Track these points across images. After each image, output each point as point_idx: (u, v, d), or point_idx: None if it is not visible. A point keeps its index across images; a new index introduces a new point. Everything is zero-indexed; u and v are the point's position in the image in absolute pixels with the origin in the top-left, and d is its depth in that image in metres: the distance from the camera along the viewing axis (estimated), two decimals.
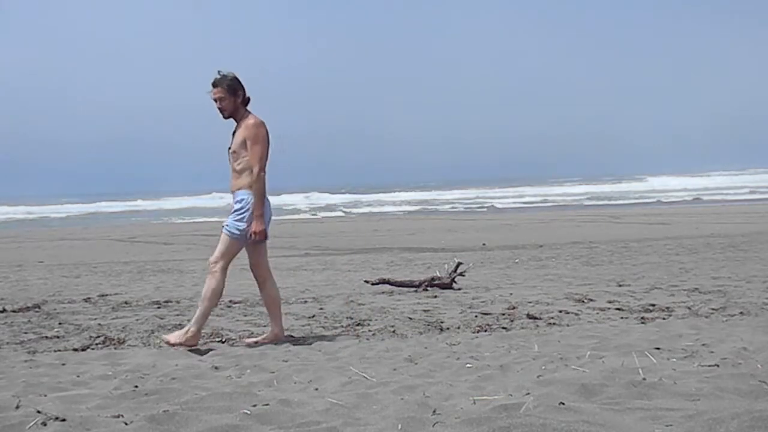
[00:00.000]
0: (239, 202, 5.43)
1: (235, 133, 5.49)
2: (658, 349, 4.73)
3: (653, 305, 6.80)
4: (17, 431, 3.27)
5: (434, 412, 3.46)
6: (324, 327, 6.22)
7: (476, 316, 6.51)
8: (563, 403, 3.43)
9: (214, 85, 5.44)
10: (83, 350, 5.41)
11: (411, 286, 8.43)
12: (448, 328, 6.02)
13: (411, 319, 6.47)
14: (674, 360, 4.39)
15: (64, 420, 3.36)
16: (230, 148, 5.50)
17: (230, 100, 5.42)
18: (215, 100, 5.45)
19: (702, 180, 60.09)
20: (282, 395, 3.86)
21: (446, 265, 9.17)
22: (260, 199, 5.38)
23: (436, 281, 8.43)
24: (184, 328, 5.48)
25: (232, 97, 5.42)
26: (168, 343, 5.31)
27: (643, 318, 6.20)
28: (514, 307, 6.90)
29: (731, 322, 5.80)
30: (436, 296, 7.87)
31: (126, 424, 3.35)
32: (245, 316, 6.90)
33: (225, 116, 5.50)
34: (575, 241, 16.16)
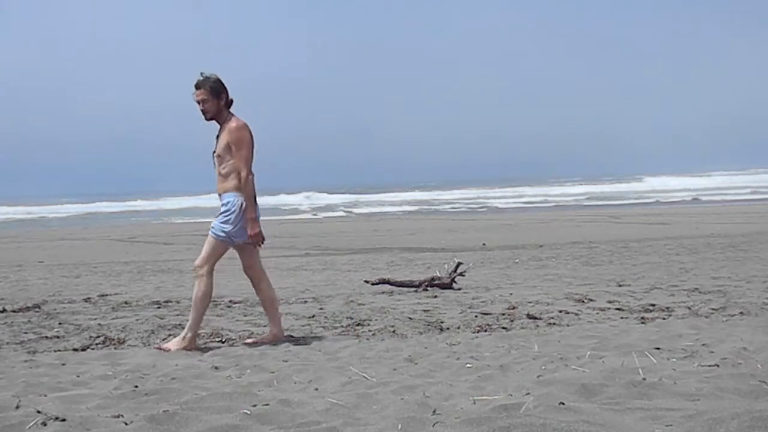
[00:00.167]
0: (225, 204, 5.42)
1: (218, 137, 5.46)
2: (658, 349, 4.73)
3: (653, 305, 6.81)
4: (17, 431, 3.27)
5: (434, 412, 3.46)
6: (324, 327, 6.22)
7: (476, 316, 6.51)
8: (563, 403, 3.43)
9: (197, 86, 5.40)
10: (83, 350, 5.42)
11: (411, 286, 8.43)
12: (448, 328, 6.02)
13: (411, 319, 6.47)
14: (674, 360, 4.39)
15: (64, 420, 3.36)
16: (215, 151, 5.47)
17: (213, 103, 5.38)
18: (198, 102, 5.41)
19: (702, 180, 60.09)
20: (282, 395, 3.86)
21: (446, 265, 9.17)
22: (251, 202, 5.36)
23: (436, 281, 8.43)
24: (180, 335, 5.47)
25: (216, 99, 5.38)
26: (168, 351, 5.30)
27: (643, 318, 6.20)
28: (514, 307, 6.90)
29: (731, 322, 5.80)
30: (436, 296, 7.87)
31: (126, 424, 3.35)
32: (245, 316, 6.91)
33: (207, 118, 5.46)
34: (575, 241, 16.16)
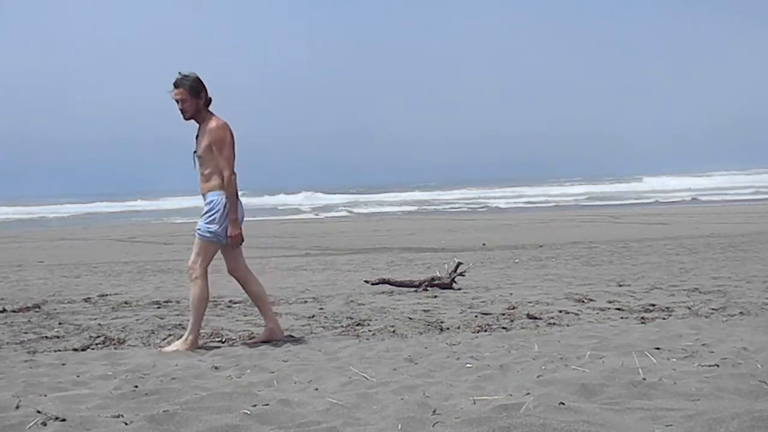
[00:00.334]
0: (210, 203, 5.36)
1: (198, 136, 5.39)
2: (658, 349, 4.73)
3: (653, 305, 6.81)
4: (17, 431, 3.27)
5: (434, 412, 3.46)
6: (324, 327, 6.22)
7: (476, 316, 6.51)
8: (563, 403, 3.43)
9: (176, 85, 5.31)
10: (83, 350, 5.42)
11: (411, 286, 8.43)
12: (448, 328, 6.02)
13: (411, 319, 6.47)
14: (674, 360, 4.39)
15: (64, 420, 3.36)
16: (195, 151, 5.41)
17: (192, 102, 5.30)
18: (176, 102, 5.33)
19: (702, 180, 60.11)
20: (282, 395, 3.86)
21: (446, 265, 9.17)
22: (234, 203, 5.31)
23: (436, 281, 8.43)
24: (182, 337, 5.46)
25: (194, 98, 5.30)
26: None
27: (643, 318, 6.20)
28: (514, 307, 6.90)
29: (731, 322, 5.80)
30: (436, 296, 7.87)
31: (126, 424, 3.35)
32: (245, 316, 6.90)
33: (186, 118, 5.37)
34: (575, 241, 16.16)
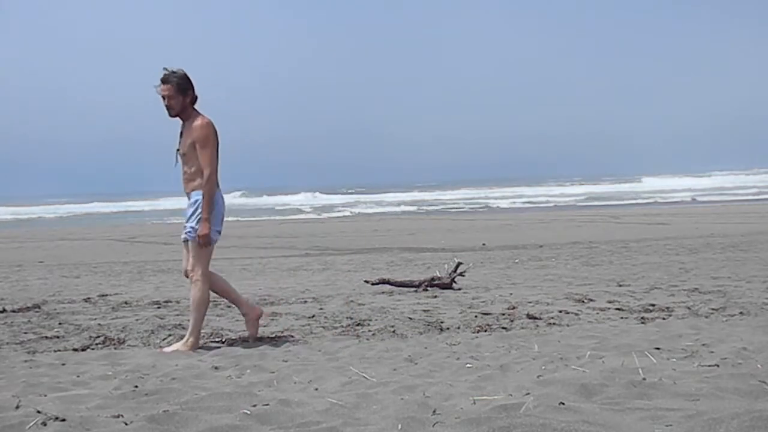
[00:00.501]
0: (194, 203, 5.31)
1: (182, 134, 5.35)
2: (658, 349, 4.73)
3: (653, 305, 6.81)
4: (17, 431, 3.26)
5: (434, 412, 3.46)
6: (324, 327, 6.22)
7: (476, 316, 6.51)
8: (563, 403, 3.43)
9: (164, 81, 5.26)
10: (83, 350, 5.41)
11: (411, 286, 8.43)
12: (448, 328, 6.02)
13: (411, 319, 6.47)
14: (674, 360, 4.39)
15: (64, 420, 3.36)
16: (179, 149, 5.37)
17: (178, 99, 5.26)
18: (163, 98, 5.28)
19: (702, 180, 60.14)
20: (282, 395, 3.86)
21: (446, 265, 9.17)
22: (209, 203, 5.25)
23: (436, 281, 8.43)
24: (183, 339, 5.46)
25: (181, 96, 5.26)
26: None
27: (643, 318, 6.20)
28: (514, 307, 6.90)
29: (731, 322, 5.80)
30: (436, 296, 7.87)
31: (126, 424, 3.35)
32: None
33: (172, 115, 5.32)
34: (575, 241, 16.16)
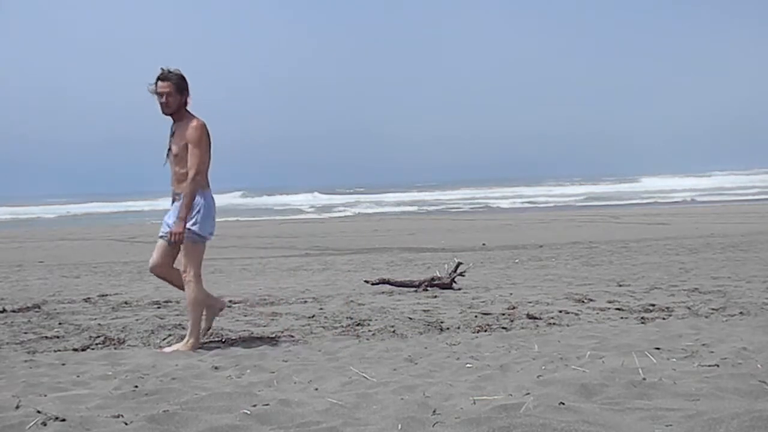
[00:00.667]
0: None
1: (174, 134, 5.37)
2: (658, 349, 4.73)
3: (653, 305, 6.81)
4: (17, 431, 3.26)
5: (434, 412, 3.46)
6: (324, 327, 6.22)
7: (476, 316, 6.51)
8: (563, 403, 3.43)
9: (163, 78, 5.30)
10: (83, 350, 5.41)
11: (411, 286, 8.43)
12: (448, 328, 6.02)
13: (411, 319, 6.47)
14: (674, 360, 4.39)
15: (64, 420, 3.36)
16: (170, 149, 5.39)
17: (176, 98, 5.31)
18: (160, 95, 5.31)
19: (702, 180, 60.13)
20: (282, 395, 3.86)
21: (446, 265, 9.17)
22: (190, 203, 5.27)
23: (436, 281, 8.43)
24: (183, 340, 5.47)
25: (178, 95, 5.31)
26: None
27: (643, 318, 6.20)
28: (514, 307, 6.90)
29: (731, 322, 5.80)
30: (436, 296, 7.87)
31: (126, 424, 3.35)
32: (245, 316, 6.90)
33: (166, 112, 5.36)
34: (575, 241, 16.16)
